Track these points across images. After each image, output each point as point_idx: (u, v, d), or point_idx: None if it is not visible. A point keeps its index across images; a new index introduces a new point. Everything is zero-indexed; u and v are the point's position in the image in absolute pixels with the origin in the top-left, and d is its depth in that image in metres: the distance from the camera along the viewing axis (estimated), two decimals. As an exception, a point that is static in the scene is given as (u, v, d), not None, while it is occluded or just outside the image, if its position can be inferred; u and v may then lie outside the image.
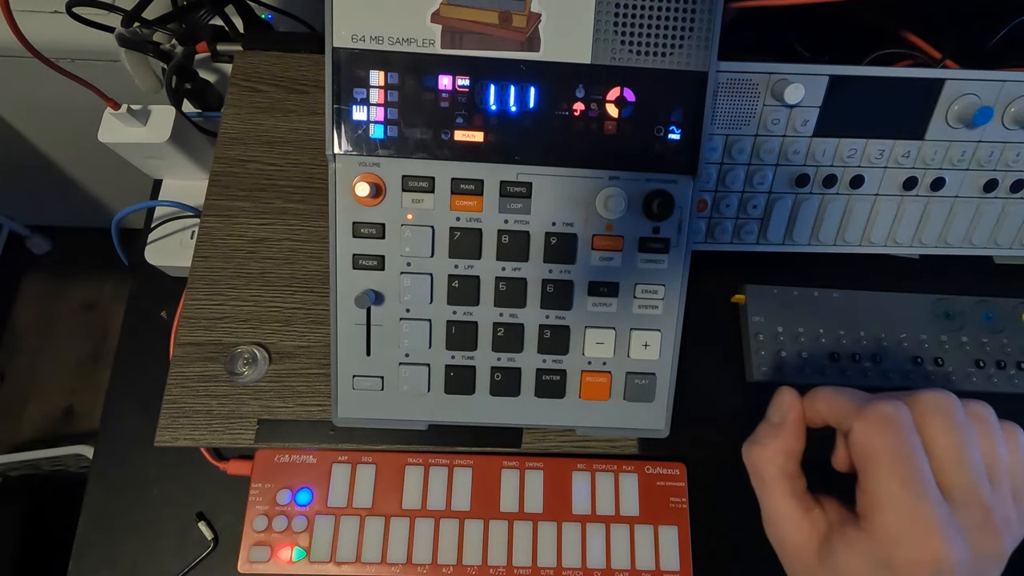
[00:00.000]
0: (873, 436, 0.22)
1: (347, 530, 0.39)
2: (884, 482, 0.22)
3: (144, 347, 0.47)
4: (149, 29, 0.49)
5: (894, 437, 0.22)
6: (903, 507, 0.21)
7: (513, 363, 0.36)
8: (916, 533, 0.21)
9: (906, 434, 0.22)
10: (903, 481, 0.21)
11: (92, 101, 0.44)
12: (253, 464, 0.40)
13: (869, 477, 0.22)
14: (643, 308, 0.36)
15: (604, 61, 0.32)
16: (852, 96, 0.37)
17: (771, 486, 0.25)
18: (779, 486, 0.25)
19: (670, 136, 0.33)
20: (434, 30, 0.31)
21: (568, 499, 0.40)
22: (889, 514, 0.21)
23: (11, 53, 0.67)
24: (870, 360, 0.41)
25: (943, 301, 0.43)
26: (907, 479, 0.21)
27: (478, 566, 0.38)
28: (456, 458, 0.41)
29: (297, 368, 0.40)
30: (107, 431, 0.46)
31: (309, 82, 0.46)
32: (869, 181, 0.40)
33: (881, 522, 0.22)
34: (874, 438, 0.22)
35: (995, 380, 0.42)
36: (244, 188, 0.43)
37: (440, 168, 0.33)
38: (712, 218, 0.41)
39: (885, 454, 0.22)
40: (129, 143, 0.46)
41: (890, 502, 0.21)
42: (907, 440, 0.22)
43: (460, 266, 0.35)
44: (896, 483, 0.21)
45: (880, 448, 0.22)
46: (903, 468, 0.22)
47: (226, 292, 0.41)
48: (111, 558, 0.42)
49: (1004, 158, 0.40)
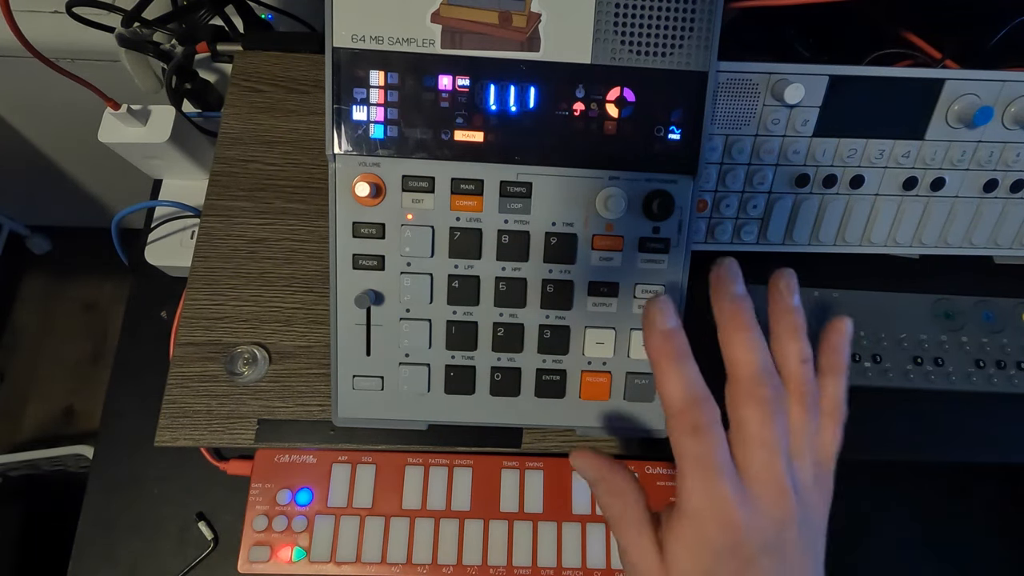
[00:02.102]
0: (680, 439, 0.25)
1: (347, 530, 0.39)
2: (687, 474, 0.25)
3: (144, 347, 0.47)
4: (149, 29, 0.49)
5: (696, 441, 0.25)
6: (702, 490, 0.25)
7: (513, 363, 0.36)
8: (715, 509, 0.25)
9: (706, 435, 0.25)
10: (701, 469, 0.25)
11: (92, 101, 0.44)
12: (253, 464, 0.40)
13: (678, 471, 0.26)
14: (643, 308, 0.36)
15: (604, 61, 0.32)
16: (852, 96, 0.37)
17: (626, 536, 0.27)
18: (632, 536, 0.27)
19: (670, 136, 0.33)
20: (434, 30, 0.31)
21: (568, 499, 0.40)
22: (692, 499, 0.25)
23: (11, 53, 0.67)
24: (870, 360, 0.41)
25: (943, 301, 0.43)
26: (704, 467, 0.25)
27: (478, 566, 0.38)
28: (456, 458, 0.41)
29: (297, 368, 0.40)
30: (107, 431, 0.46)
31: (309, 82, 0.46)
32: (869, 181, 0.40)
33: (689, 508, 0.25)
34: (680, 441, 0.25)
35: (995, 380, 0.42)
36: (244, 188, 0.43)
37: (440, 168, 0.33)
38: (712, 218, 0.41)
39: (687, 453, 0.25)
40: (129, 143, 0.46)
41: (691, 489, 0.25)
42: (706, 440, 0.25)
43: (460, 266, 0.35)
44: (695, 472, 0.25)
45: (684, 449, 0.25)
46: (700, 462, 0.25)
47: (226, 292, 0.41)
48: (111, 558, 0.42)
49: (1004, 158, 0.40)
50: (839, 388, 0.29)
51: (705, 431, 0.25)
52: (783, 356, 0.28)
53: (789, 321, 0.28)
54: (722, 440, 0.25)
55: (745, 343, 0.27)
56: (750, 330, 0.27)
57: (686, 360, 0.26)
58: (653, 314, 0.27)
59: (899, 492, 0.47)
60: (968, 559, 0.47)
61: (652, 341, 0.27)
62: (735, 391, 0.26)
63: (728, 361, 0.27)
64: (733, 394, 0.26)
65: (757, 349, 0.26)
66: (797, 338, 0.28)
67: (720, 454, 0.25)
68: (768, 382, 0.26)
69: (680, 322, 0.27)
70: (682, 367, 0.26)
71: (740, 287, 0.28)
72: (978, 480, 0.48)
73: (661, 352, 0.26)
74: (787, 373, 0.27)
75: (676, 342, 0.27)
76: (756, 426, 0.25)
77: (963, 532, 0.47)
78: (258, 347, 0.40)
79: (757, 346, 0.27)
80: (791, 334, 0.28)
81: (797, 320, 0.28)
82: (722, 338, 0.27)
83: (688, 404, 0.25)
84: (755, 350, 0.26)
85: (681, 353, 0.26)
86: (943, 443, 0.42)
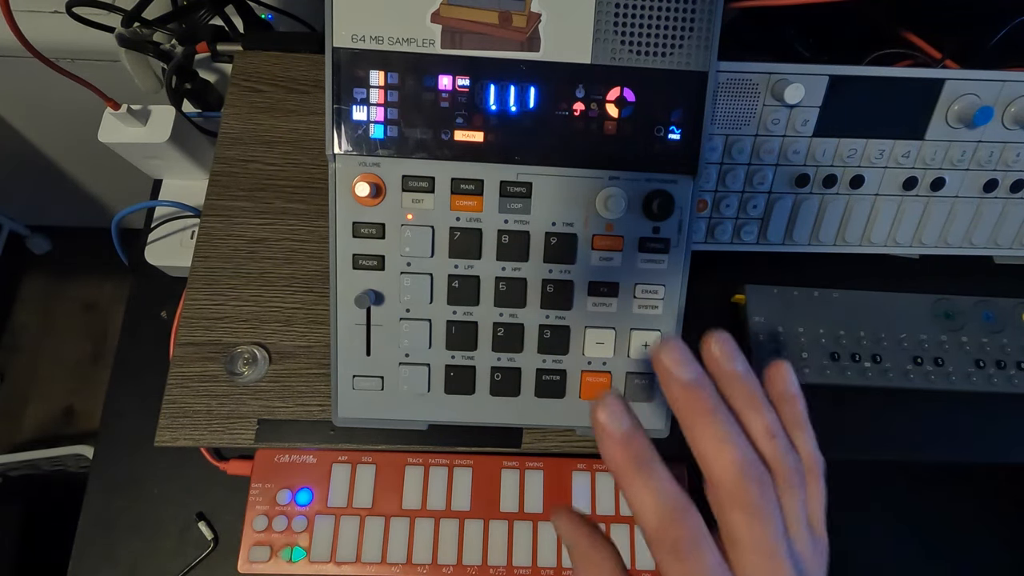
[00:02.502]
0: (663, 561, 0.23)
1: (347, 530, 0.39)
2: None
3: (144, 347, 0.47)
4: (149, 29, 0.49)
5: (683, 563, 0.22)
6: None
7: (513, 363, 0.36)
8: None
9: (693, 555, 0.22)
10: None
11: (92, 101, 0.44)
12: (253, 464, 0.40)
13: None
14: (643, 308, 0.36)
15: (604, 61, 0.32)
16: (852, 96, 0.37)
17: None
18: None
19: (670, 136, 0.33)
20: (434, 30, 0.31)
21: (568, 499, 0.40)
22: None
23: (11, 53, 0.67)
24: (870, 360, 0.41)
25: (943, 301, 0.43)
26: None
27: (478, 566, 0.38)
28: (456, 458, 0.41)
29: (297, 368, 0.40)
30: (107, 431, 0.46)
31: (309, 82, 0.46)
32: (869, 181, 0.40)
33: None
34: (663, 562, 0.23)
35: (995, 380, 0.42)
36: (244, 188, 0.43)
37: (440, 168, 0.33)
38: (712, 218, 0.41)
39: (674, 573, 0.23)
40: (129, 143, 0.46)
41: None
42: (695, 560, 0.22)
43: (460, 266, 0.35)
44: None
45: (670, 573, 0.23)
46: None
47: (226, 292, 0.41)
48: (111, 558, 0.42)
49: (1004, 158, 0.40)
50: (810, 441, 0.26)
51: (690, 551, 0.22)
52: (751, 434, 0.25)
53: (740, 392, 0.25)
54: (711, 554, 0.23)
55: (714, 438, 0.23)
56: (715, 420, 0.23)
57: (653, 466, 0.23)
58: (603, 419, 0.23)
59: (899, 492, 0.47)
60: (968, 559, 0.47)
61: (609, 451, 0.23)
62: (718, 495, 0.23)
63: (701, 463, 0.24)
64: (716, 498, 0.23)
65: (729, 441, 0.23)
66: (759, 412, 0.25)
67: (713, 573, 0.22)
68: (752, 480, 0.23)
69: (635, 419, 0.24)
70: (650, 476, 0.23)
71: (690, 369, 0.24)
72: (978, 480, 0.48)
73: (623, 463, 0.23)
74: (762, 454, 0.24)
75: (637, 447, 0.23)
76: (747, 531, 0.23)
77: (963, 532, 0.47)
78: (258, 347, 0.40)
79: (729, 438, 0.23)
80: (749, 408, 0.25)
81: (748, 387, 0.25)
82: (688, 437, 0.24)
83: (666, 522, 0.22)
84: (727, 443, 0.23)
85: (645, 459, 0.23)
86: (943, 443, 0.42)
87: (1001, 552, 0.47)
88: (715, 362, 0.25)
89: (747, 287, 0.43)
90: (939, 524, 0.47)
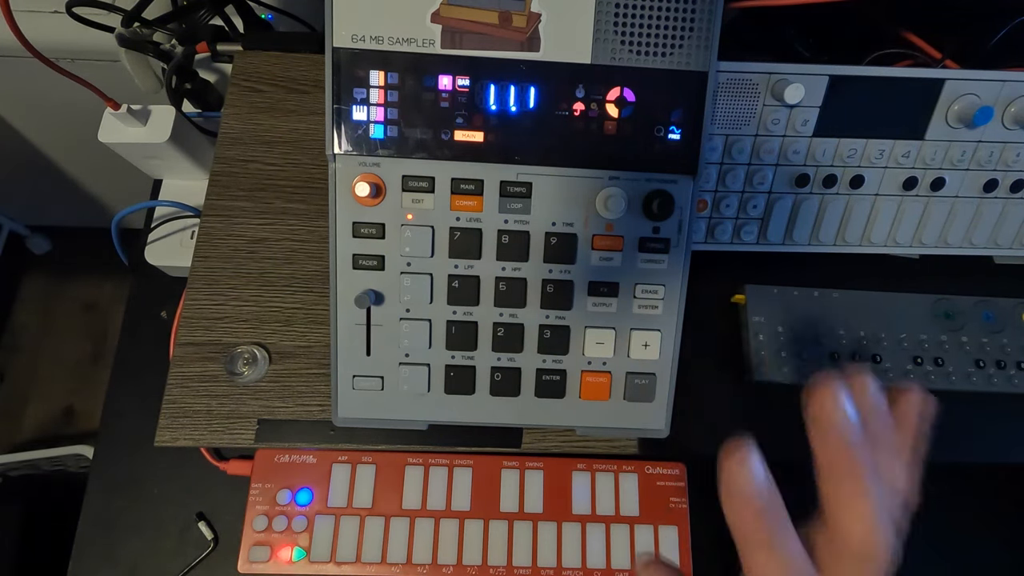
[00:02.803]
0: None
1: (347, 530, 0.39)
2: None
3: (144, 347, 0.47)
4: (149, 29, 0.49)
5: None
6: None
7: (513, 363, 0.36)
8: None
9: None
10: None
11: (92, 101, 0.44)
12: (253, 464, 0.40)
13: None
14: (643, 308, 0.36)
15: (604, 61, 0.32)
16: (852, 96, 0.37)
17: None
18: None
19: (670, 136, 0.33)
20: (434, 30, 0.31)
21: (568, 499, 0.40)
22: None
23: (11, 53, 0.67)
24: (870, 360, 0.41)
25: (943, 301, 0.43)
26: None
27: (478, 566, 0.38)
28: (456, 458, 0.41)
29: (297, 368, 0.40)
30: (107, 431, 0.46)
31: (309, 82, 0.46)
32: (869, 181, 0.40)
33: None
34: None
35: (995, 380, 0.42)
36: (244, 188, 0.43)
37: (440, 168, 0.33)
38: (712, 218, 0.41)
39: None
40: (129, 143, 0.46)
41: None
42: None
43: (460, 266, 0.35)
44: None
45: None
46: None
47: (226, 292, 0.41)
48: (111, 558, 0.42)
49: (1004, 158, 0.40)
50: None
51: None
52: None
53: (887, 443, 0.23)
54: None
55: (864, 512, 0.21)
56: (869, 492, 0.21)
57: (786, 536, 0.21)
58: (738, 479, 0.21)
59: (899, 492, 0.47)
60: (968, 559, 0.47)
61: (739, 514, 0.21)
62: (842, 552, 0.21)
63: (835, 524, 0.21)
64: (837, 551, 0.21)
65: (876, 518, 0.21)
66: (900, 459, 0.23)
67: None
68: (884, 550, 0.21)
69: (771, 477, 0.21)
70: (783, 548, 0.21)
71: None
72: (978, 480, 0.48)
73: (754, 531, 0.21)
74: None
75: (775, 514, 0.21)
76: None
77: (963, 532, 0.47)
78: (258, 347, 0.40)
79: (878, 515, 0.21)
80: (892, 463, 0.23)
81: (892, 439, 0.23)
82: (825, 488, 0.22)
83: (789, 558, 0.20)
84: (876, 520, 0.21)
85: (779, 528, 0.21)
86: (942, 443, 0.42)
87: (1001, 552, 0.47)
88: (869, 408, 0.23)
89: (747, 287, 0.43)
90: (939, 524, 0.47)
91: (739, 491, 0.21)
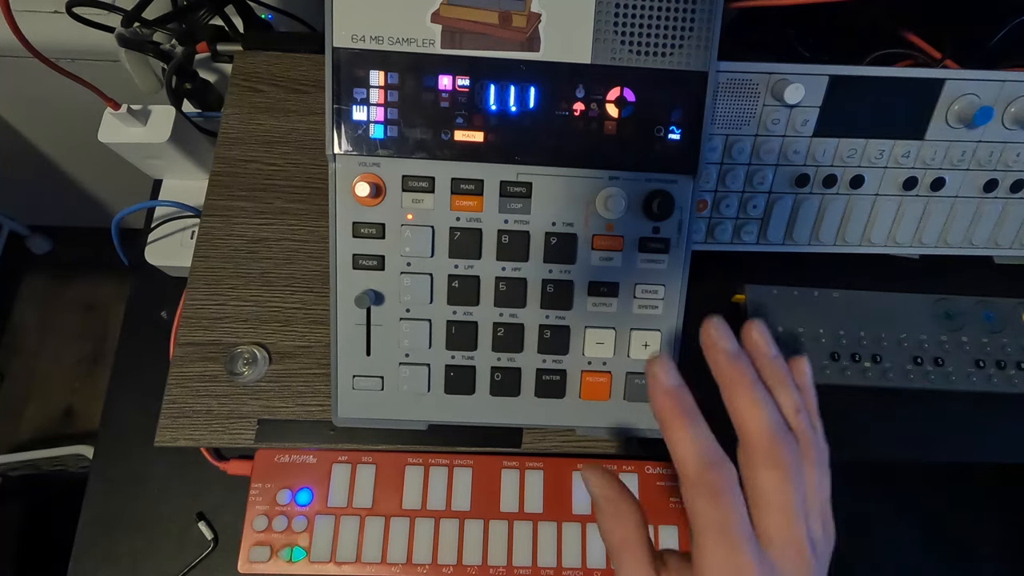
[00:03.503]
0: (697, 503, 0.24)
1: (347, 530, 0.39)
2: (706, 542, 0.24)
3: (144, 347, 0.47)
4: (149, 29, 0.49)
5: (715, 507, 0.24)
6: (723, 560, 0.24)
7: (513, 363, 0.36)
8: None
9: (726, 501, 0.24)
10: (722, 537, 0.24)
11: (92, 101, 0.44)
12: (253, 464, 0.40)
13: (695, 538, 0.25)
14: (643, 308, 0.36)
15: (604, 61, 0.32)
16: (852, 96, 0.37)
17: (626, 566, 0.26)
18: (631, 565, 0.26)
19: (670, 136, 0.33)
20: (434, 30, 0.31)
21: (568, 499, 0.40)
22: (713, 569, 0.24)
23: (11, 53, 0.67)
24: (870, 360, 0.41)
25: (943, 301, 0.43)
26: (725, 535, 0.24)
27: (478, 566, 0.38)
28: (456, 458, 0.41)
29: (297, 368, 0.40)
30: (107, 431, 0.46)
31: (309, 82, 0.46)
32: (869, 181, 0.40)
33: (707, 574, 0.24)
34: (697, 505, 0.24)
35: (995, 380, 0.42)
36: (244, 188, 0.43)
37: (440, 168, 0.33)
38: (712, 218, 0.41)
39: (707, 520, 0.24)
40: (129, 143, 0.46)
41: (711, 558, 0.24)
42: (727, 506, 0.24)
43: (460, 266, 0.35)
44: (715, 540, 0.24)
45: (702, 514, 0.24)
46: (722, 530, 0.24)
47: (226, 292, 0.41)
48: (111, 558, 0.42)
49: (1004, 158, 0.40)
50: (822, 431, 0.29)
51: (724, 497, 0.24)
52: (780, 408, 0.27)
53: (775, 372, 0.28)
54: (742, 506, 0.24)
55: (753, 402, 0.26)
56: (753, 387, 0.26)
57: (696, 419, 0.25)
58: (656, 372, 0.26)
59: (899, 492, 0.47)
60: (968, 559, 0.47)
61: (658, 400, 0.26)
62: (751, 454, 0.25)
63: (738, 422, 0.26)
64: (749, 457, 0.26)
65: (765, 406, 0.26)
66: (789, 390, 0.28)
67: (741, 522, 0.24)
68: (784, 444, 0.25)
69: (683, 380, 0.26)
70: (693, 427, 0.25)
71: (734, 343, 0.27)
72: (978, 480, 0.48)
73: (669, 412, 0.26)
74: (791, 426, 0.27)
75: (683, 401, 0.26)
76: (776, 492, 0.25)
77: (963, 532, 0.47)
78: (258, 347, 0.40)
79: (765, 403, 0.26)
80: (781, 386, 0.28)
81: (781, 370, 0.28)
82: (727, 399, 0.27)
83: (704, 467, 0.24)
84: (764, 407, 0.26)
85: (690, 412, 0.25)
86: (943, 443, 0.42)
87: (1001, 552, 0.47)
88: (755, 345, 0.29)
89: (747, 287, 0.43)
90: (939, 524, 0.47)
91: (658, 382, 0.26)
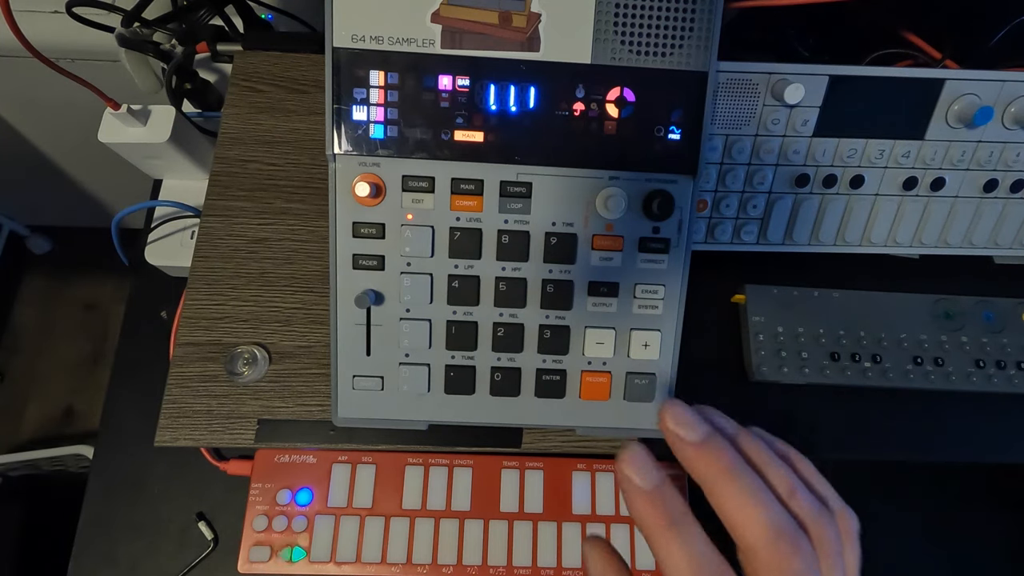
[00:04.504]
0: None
1: (347, 530, 0.39)
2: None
3: (144, 347, 0.47)
4: (149, 29, 0.49)
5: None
6: None
7: (513, 363, 0.36)
8: None
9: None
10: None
11: (92, 101, 0.44)
12: (253, 464, 0.40)
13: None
14: (643, 308, 0.36)
15: (604, 61, 0.32)
16: (852, 96, 0.37)
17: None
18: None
19: (670, 136, 0.33)
20: (434, 30, 0.31)
21: (568, 499, 0.40)
22: None
23: (11, 53, 0.67)
24: (870, 360, 0.41)
25: (943, 301, 0.43)
26: None
27: (478, 566, 0.38)
28: (456, 458, 0.41)
29: (297, 368, 0.40)
30: (107, 431, 0.46)
31: (309, 82, 0.46)
32: (869, 181, 0.40)
33: None
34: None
35: (995, 380, 0.42)
36: (244, 188, 0.43)
37: (440, 168, 0.33)
38: (712, 218, 0.41)
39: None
40: (129, 143, 0.46)
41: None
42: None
43: (460, 266, 0.35)
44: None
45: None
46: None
47: (226, 292, 0.41)
48: (111, 558, 0.42)
49: (1004, 158, 0.40)
50: (838, 498, 0.25)
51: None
52: (776, 494, 0.23)
53: (751, 450, 0.24)
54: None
55: (741, 504, 0.21)
56: (736, 479, 0.22)
57: (683, 524, 0.22)
58: (630, 476, 0.22)
59: (899, 492, 0.47)
60: (968, 558, 0.47)
61: (637, 507, 0.22)
62: (754, 564, 0.21)
63: (730, 527, 0.22)
64: (752, 567, 0.21)
65: (757, 503, 0.21)
66: (772, 468, 0.23)
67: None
68: (790, 547, 0.21)
69: (662, 474, 0.22)
70: (683, 536, 0.21)
71: (698, 427, 0.23)
72: (978, 480, 0.48)
73: (651, 520, 0.22)
74: (795, 515, 0.22)
75: (666, 504, 0.22)
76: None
77: (963, 532, 0.47)
78: (258, 347, 0.40)
79: (754, 497, 0.21)
80: (763, 467, 0.23)
81: (757, 445, 0.24)
82: (709, 498, 0.22)
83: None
84: (756, 505, 0.21)
85: (676, 517, 0.22)
86: (943, 443, 0.42)
87: (1001, 552, 0.47)
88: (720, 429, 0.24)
89: (747, 287, 0.43)
90: (939, 524, 0.47)
91: (632, 486, 0.22)
